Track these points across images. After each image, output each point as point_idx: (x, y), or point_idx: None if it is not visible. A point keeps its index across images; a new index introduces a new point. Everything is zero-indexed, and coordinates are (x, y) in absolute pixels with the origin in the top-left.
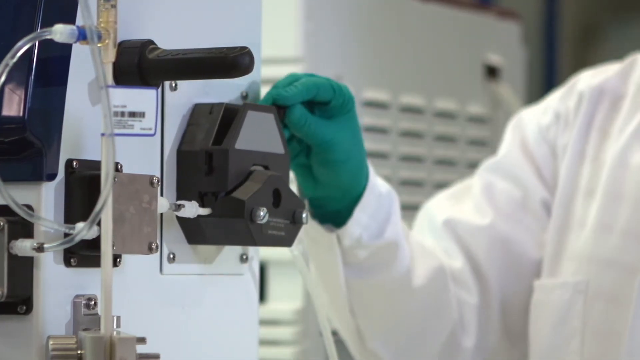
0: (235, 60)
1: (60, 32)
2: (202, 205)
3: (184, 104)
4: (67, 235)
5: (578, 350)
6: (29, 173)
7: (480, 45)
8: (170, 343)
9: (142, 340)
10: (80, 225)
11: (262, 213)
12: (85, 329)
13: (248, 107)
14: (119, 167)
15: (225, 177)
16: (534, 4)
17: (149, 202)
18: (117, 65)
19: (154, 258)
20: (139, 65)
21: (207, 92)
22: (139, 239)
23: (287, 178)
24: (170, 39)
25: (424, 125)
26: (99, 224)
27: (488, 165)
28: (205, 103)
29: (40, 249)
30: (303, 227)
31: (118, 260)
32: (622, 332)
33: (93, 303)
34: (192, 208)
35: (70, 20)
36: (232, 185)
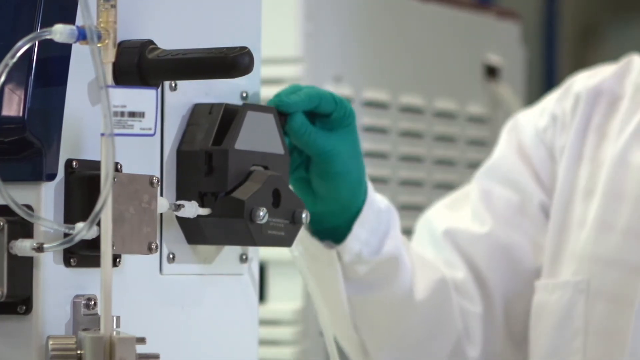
0: (235, 60)
1: (60, 32)
2: (201, 205)
3: (184, 104)
4: (66, 235)
5: (580, 350)
6: (29, 173)
7: (480, 45)
8: (170, 343)
9: (141, 340)
10: (80, 225)
11: (261, 213)
12: (85, 329)
13: (248, 107)
14: (119, 167)
15: (225, 177)
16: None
17: (149, 202)
18: (116, 65)
19: (154, 258)
20: (139, 65)
21: (206, 92)
22: (139, 239)
23: (286, 178)
24: (170, 39)
25: (424, 125)
26: (99, 224)
27: (485, 171)
28: (205, 103)
29: (40, 249)
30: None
31: (118, 260)
32: (625, 331)
33: (93, 303)
34: (191, 208)
35: (70, 20)
36: (231, 186)
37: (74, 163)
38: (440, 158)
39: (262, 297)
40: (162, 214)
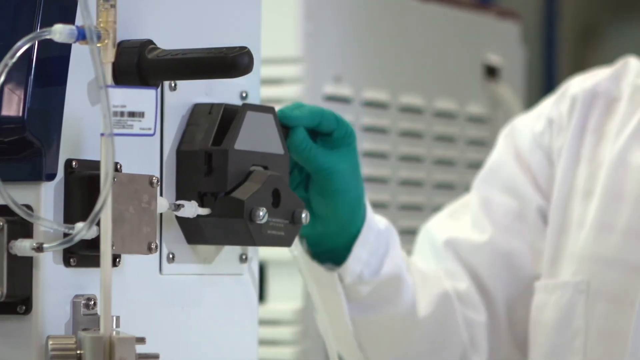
0: (235, 60)
1: (60, 32)
2: (201, 205)
3: (184, 104)
4: (66, 235)
5: (581, 351)
6: (29, 173)
7: (480, 45)
8: (170, 343)
9: (141, 340)
10: (80, 225)
11: (261, 213)
12: (85, 329)
13: (247, 107)
14: (119, 167)
15: (225, 177)
16: (534, 4)
17: (149, 202)
18: (116, 65)
19: (154, 258)
20: (139, 65)
21: (206, 92)
22: (139, 239)
23: (286, 178)
24: (170, 39)
25: (424, 125)
26: (99, 224)
27: (483, 177)
28: (205, 103)
29: (40, 249)
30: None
31: (117, 260)
32: (625, 331)
33: (92, 303)
34: (191, 208)
35: (70, 20)
36: (231, 186)
37: (74, 163)
38: (440, 158)
39: (262, 297)
40: (161, 214)
